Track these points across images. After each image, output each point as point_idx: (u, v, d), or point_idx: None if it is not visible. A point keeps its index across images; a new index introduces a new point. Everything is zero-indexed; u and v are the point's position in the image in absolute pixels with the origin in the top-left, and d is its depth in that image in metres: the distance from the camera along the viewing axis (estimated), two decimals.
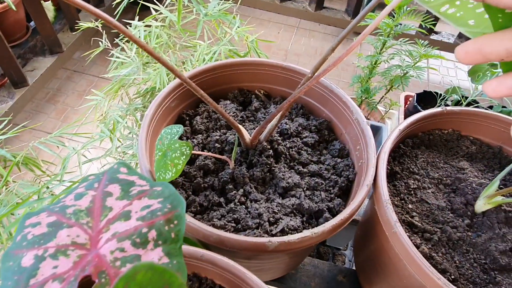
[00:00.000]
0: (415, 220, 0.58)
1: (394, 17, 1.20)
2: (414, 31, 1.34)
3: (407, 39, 1.26)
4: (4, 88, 1.90)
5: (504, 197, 0.58)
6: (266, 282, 0.61)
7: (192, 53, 1.18)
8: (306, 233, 0.50)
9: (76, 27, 1.40)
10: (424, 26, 1.29)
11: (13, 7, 1.76)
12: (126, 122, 1.01)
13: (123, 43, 1.18)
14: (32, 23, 2.11)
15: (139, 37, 1.09)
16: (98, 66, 2.39)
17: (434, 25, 2.04)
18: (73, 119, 2.05)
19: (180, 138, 0.64)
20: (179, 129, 0.50)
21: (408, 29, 1.20)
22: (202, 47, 1.08)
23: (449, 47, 2.15)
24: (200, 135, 0.68)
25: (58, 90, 2.24)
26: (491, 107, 1.27)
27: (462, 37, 2.19)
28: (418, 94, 1.54)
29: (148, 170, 0.54)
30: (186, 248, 0.49)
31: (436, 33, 2.24)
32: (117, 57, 1.15)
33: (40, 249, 0.28)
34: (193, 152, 0.55)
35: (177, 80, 0.68)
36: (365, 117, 0.89)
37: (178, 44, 1.19)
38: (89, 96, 1.13)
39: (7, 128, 0.97)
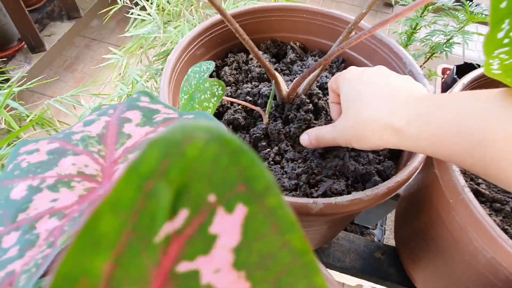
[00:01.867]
0: (482, 188, 0.50)
1: None
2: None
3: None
4: (22, 53, 1.85)
5: None
6: None
7: (216, 12, 1.09)
8: (357, 195, 0.42)
9: None
10: None
11: None
12: (146, 81, 0.94)
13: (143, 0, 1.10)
14: None
15: None
16: (116, 35, 2.32)
17: None
18: (91, 87, 2.00)
19: None
20: (209, 65, 0.42)
21: None
22: (228, 2, 0.99)
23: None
24: (229, 87, 0.60)
25: (76, 58, 2.18)
26: None
27: None
28: (457, 66, 1.42)
29: None
30: None
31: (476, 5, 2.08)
32: (138, 15, 1.07)
33: (36, 179, 0.21)
34: (225, 98, 0.47)
35: (204, 24, 0.60)
36: None
37: (202, 0, 1.10)
38: (107, 55, 1.06)
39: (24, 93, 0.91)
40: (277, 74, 0.51)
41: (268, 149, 0.53)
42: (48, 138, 0.25)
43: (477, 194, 0.49)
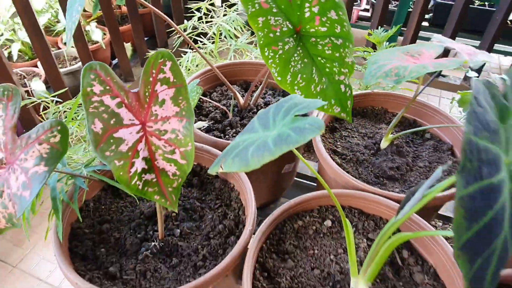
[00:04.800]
0: (338, 149, 0.93)
1: None
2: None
3: None
4: None
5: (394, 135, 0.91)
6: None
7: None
8: None
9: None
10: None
11: (104, 46, 2.39)
12: None
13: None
14: (114, 60, 2.75)
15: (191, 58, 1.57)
16: None
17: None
18: None
19: (201, 101, 1.06)
20: (199, 90, 0.91)
21: None
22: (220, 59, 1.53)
23: (455, 88, 2.44)
24: (214, 102, 1.10)
25: None
26: None
27: (466, 80, 2.47)
28: None
29: None
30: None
31: (444, 76, 2.54)
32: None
33: None
34: (208, 100, 0.96)
35: (205, 69, 1.12)
36: None
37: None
38: None
39: None
40: (237, 94, 1.00)
41: (231, 131, 1.00)
42: None
43: (335, 152, 0.92)
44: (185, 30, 1.65)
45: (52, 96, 1.13)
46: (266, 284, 0.67)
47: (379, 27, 1.49)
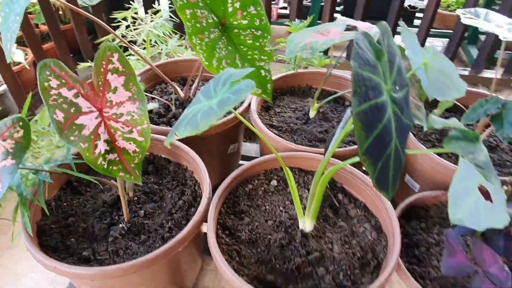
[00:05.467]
0: (274, 123, 1.06)
1: None
2: None
3: None
4: None
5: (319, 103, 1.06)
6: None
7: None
8: None
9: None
10: None
11: (27, 66, 2.32)
12: None
13: None
14: None
15: None
16: None
17: None
18: None
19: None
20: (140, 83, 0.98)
21: None
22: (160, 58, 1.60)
23: None
24: (158, 97, 1.17)
25: None
26: None
27: None
28: None
29: None
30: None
31: None
32: None
33: None
34: (151, 96, 1.04)
35: (144, 69, 1.18)
36: None
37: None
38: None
39: None
40: (177, 87, 1.09)
41: (176, 122, 1.08)
42: None
43: (272, 126, 1.05)
44: (113, 40, 1.69)
45: None
46: (229, 239, 0.77)
47: (297, 20, 1.66)
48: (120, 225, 0.80)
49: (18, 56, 2.28)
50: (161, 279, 0.79)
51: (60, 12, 2.65)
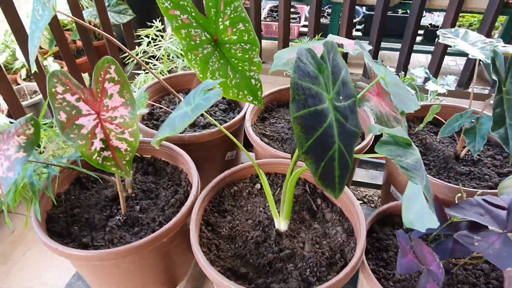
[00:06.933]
0: (266, 132, 1.14)
1: None
2: None
3: None
4: None
5: None
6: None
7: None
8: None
9: None
10: None
11: None
12: None
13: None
14: None
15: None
16: None
17: None
18: None
19: (153, 108, 1.25)
20: (143, 89, 1.10)
21: None
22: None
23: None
24: (164, 107, 1.29)
25: None
26: None
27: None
28: None
29: None
30: (145, 139, 1.06)
31: None
32: None
33: None
34: (159, 105, 1.15)
35: (152, 82, 1.31)
36: None
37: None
38: None
39: None
40: (181, 98, 1.20)
41: None
42: None
43: (265, 135, 1.13)
44: (137, 54, 1.84)
45: None
46: (211, 234, 0.85)
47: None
48: (117, 217, 0.90)
49: (54, 68, 2.51)
50: (151, 267, 0.88)
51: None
